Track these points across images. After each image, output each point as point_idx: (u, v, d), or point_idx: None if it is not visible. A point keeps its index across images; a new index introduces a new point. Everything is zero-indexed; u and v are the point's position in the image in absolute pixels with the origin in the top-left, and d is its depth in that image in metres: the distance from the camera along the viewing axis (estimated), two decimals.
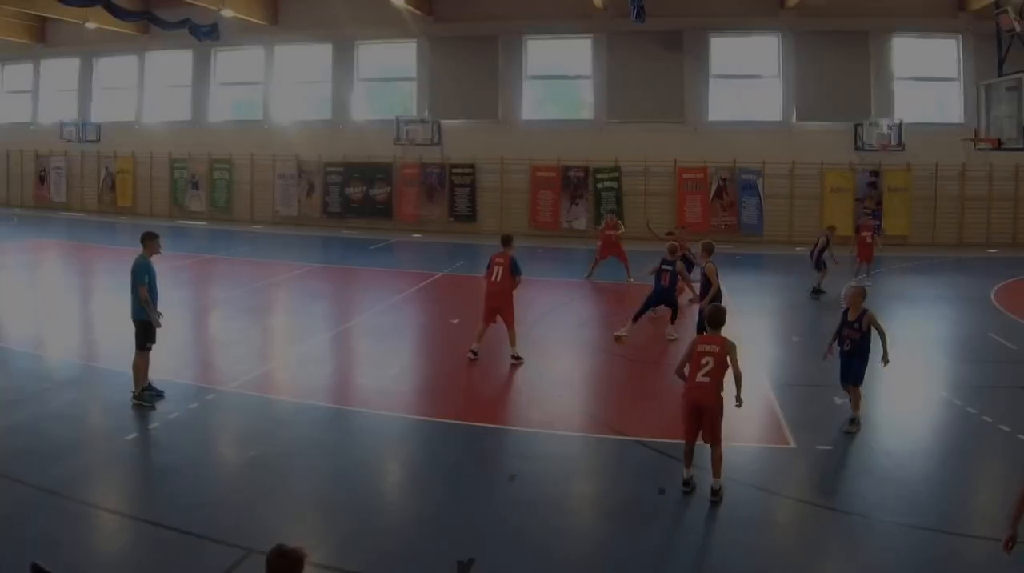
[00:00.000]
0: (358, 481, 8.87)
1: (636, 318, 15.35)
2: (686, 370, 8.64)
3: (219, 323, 17.18)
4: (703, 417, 8.41)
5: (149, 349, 10.94)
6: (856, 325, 10.33)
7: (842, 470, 9.34)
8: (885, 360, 10.21)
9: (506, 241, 14.01)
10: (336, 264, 25.50)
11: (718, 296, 13.37)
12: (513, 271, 13.55)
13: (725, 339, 8.62)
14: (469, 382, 12.82)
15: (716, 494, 8.34)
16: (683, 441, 8.61)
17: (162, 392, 11.16)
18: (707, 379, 8.38)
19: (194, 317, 17.33)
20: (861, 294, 10.49)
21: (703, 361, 8.44)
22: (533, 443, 10.08)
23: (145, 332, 10.90)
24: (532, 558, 7.26)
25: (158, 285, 11.18)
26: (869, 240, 21.70)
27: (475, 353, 13.50)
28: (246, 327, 16.67)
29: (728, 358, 8.43)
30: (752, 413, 10.95)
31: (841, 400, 11.05)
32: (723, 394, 8.48)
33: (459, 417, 11.00)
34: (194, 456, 9.45)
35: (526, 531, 7.73)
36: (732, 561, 7.31)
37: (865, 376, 10.44)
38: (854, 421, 10.37)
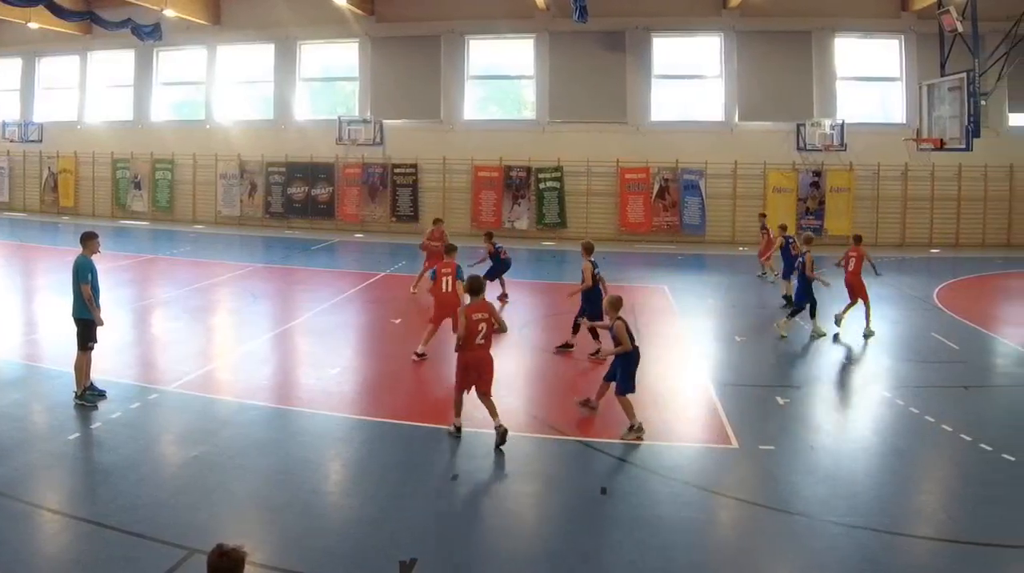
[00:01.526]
0: (300, 481, 8.32)
1: (794, 314, 14.93)
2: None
3: (161, 323, 16.00)
4: (481, 374, 9.19)
5: (91, 348, 10.37)
6: (611, 333, 9.80)
7: (784, 470, 8.78)
8: (606, 358, 10.09)
9: (450, 250, 13.74)
10: (278, 264, 23.69)
11: (597, 294, 12.69)
12: (459, 277, 12.96)
13: (488, 303, 9.45)
14: (411, 382, 11.96)
15: (501, 435, 9.02)
16: (458, 396, 9.33)
17: (104, 392, 10.54)
18: (484, 341, 9.19)
19: (136, 317, 16.22)
20: (612, 303, 9.86)
21: (479, 327, 9.13)
22: (475, 443, 9.42)
23: (87, 331, 10.33)
24: (474, 557, 6.92)
25: (99, 284, 10.59)
26: (768, 237, 21.03)
27: (420, 355, 12.70)
28: (188, 327, 15.56)
29: (494, 318, 9.33)
30: (695, 413, 10.72)
31: (784, 400, 10.86)
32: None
33: (401, 417, 10.38)
34: (136, 456, 8.86)
35: (468, 531, 7.40)
36: (674, 561, 6.90)
37: (631, 385, 9.72)
38: (631, 429, 9.52)
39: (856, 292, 15.06)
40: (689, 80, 29.27)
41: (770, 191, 27.64)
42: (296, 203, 31.29)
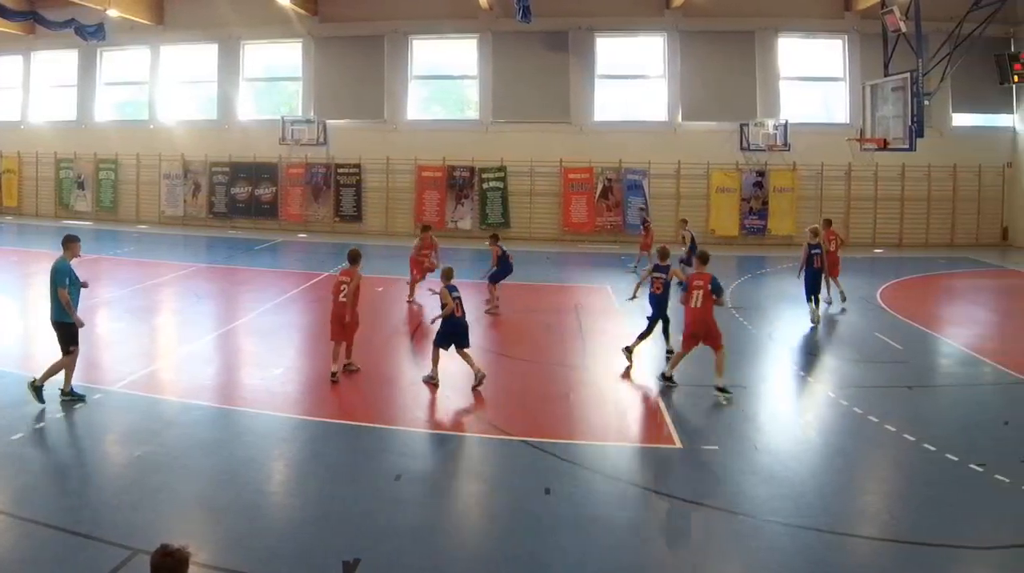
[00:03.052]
0: (244, 481, 7.81)
1: (817, 299, 14.63)
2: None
3: (105, 323, 14.74)
4: (342, 326, 10.64)
5: (73, 352, 9.69)
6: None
7: (728, 470, 8.25)
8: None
9: (704, 258, 11.10)
10: (221, 264, 21.84)
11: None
12: (714, 290, 10.73)
13: (357, 272, 10.74)
14: (355, 382, 11.10)
15: (352, 371, 10.81)
16: (335, 346, 10.80)
17: (83, 396, 9.88)
18: (345, 299, 10.56)
19: (80, 317, 13.88)
20: (443, 273, 10.86)
21: (341, 288, 10.63)
22: (419, 443, 9.07)
23: (68, 334, 9.63)
24: (418, 558, 6.36)
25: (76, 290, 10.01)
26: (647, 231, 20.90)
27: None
28: (132, 327, 14.51)
29: (354, 287, 10.62)
30: (638, 413, 10.30)
31: (727, 400, 10.28)
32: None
33: (345, 417, 9.86)
34: (80, 456, 8.55)
35: (412, 531, 6.81)
36: (617, 561, 6.34)
37: (444, 343, 10.51)
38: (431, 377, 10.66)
39: (831, 270, 15.77)
40: (632, 80, 26.94)
41: (713, 191, 25.40)
42: (239, 203, 28.47)
